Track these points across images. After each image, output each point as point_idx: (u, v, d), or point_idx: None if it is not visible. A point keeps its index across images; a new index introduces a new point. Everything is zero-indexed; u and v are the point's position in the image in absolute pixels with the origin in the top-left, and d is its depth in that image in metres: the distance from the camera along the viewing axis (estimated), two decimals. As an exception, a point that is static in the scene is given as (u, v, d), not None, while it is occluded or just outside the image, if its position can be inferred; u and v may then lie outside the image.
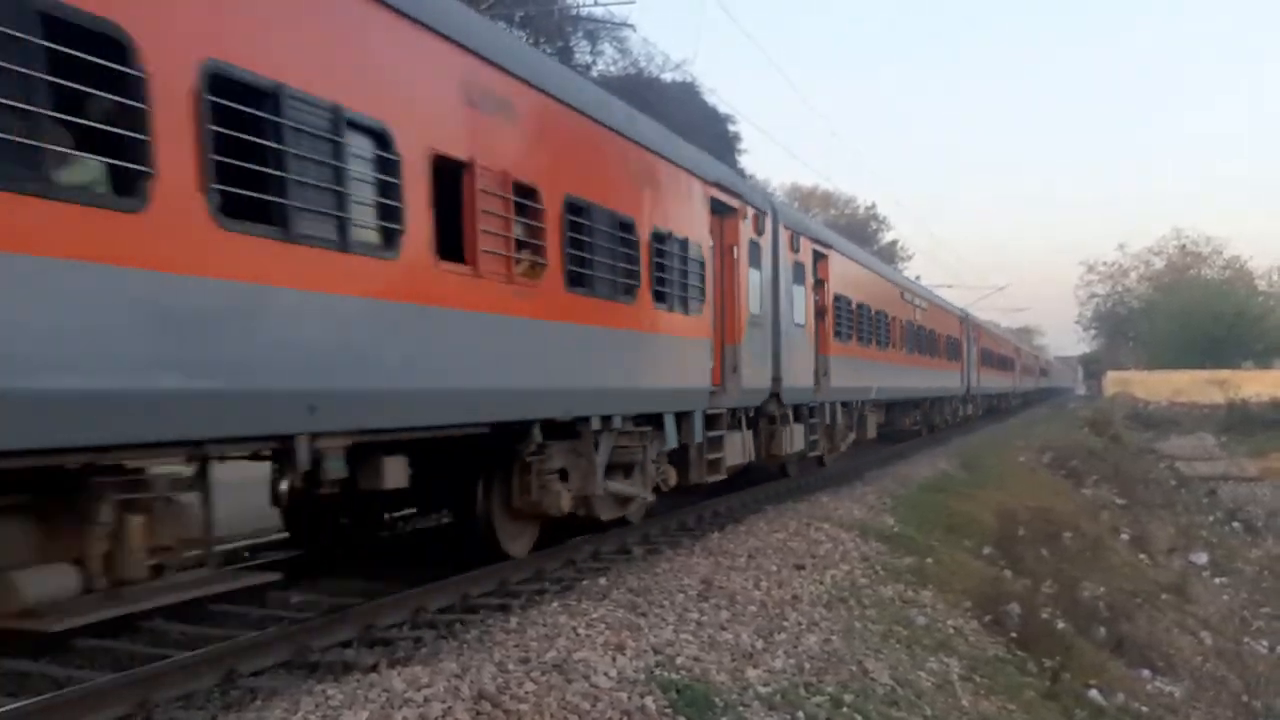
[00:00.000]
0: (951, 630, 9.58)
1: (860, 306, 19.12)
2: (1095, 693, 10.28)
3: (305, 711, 4.95)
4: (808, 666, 7.05)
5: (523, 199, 7.86)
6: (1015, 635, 10.40)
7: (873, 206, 78.32)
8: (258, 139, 5.54)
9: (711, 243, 11.86)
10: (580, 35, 28.74)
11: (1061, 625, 11.70)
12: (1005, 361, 46.98)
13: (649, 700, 5.68)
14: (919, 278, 39.02)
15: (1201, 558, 23.50)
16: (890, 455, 22.74)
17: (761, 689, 6.38)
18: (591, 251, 8.83)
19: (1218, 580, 22.25)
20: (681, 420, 10.92)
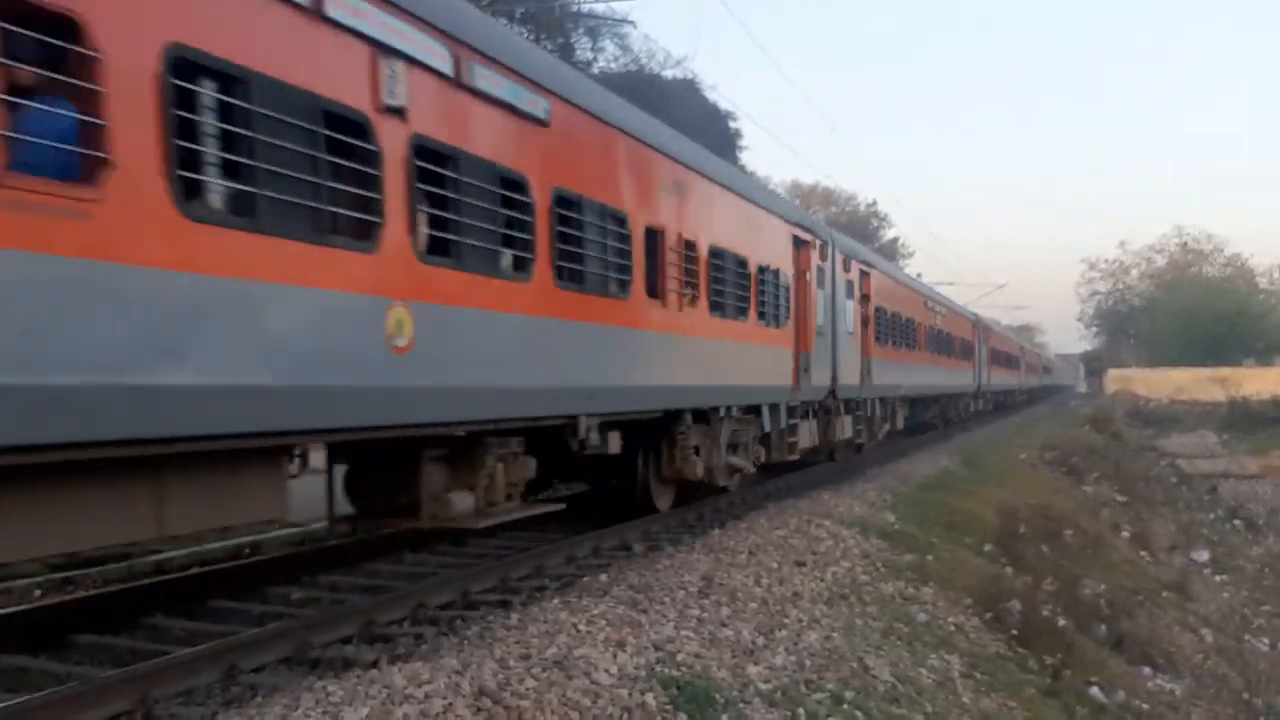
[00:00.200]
0: (952, 627, 9.57)
1: (894, 315, 21.84)
2: (1096, 690, 10.28)
3: (305, 708, 4.95)
4: (808, 663, 7.05)
5: (689, 251, 11.05)
6: (1016, 632, 10.39)
7: (873, 204, 78.33)
8: (575, 232, 8.59)
9: (793, 270, 14.69)
10: (581, 32, 28.67)
11: (1062, 622, 11.69)
12: (1012, 360, 49.99)
13: (649, 697, 5.68)
14: (920, 275, 39.33)
15: (1202, 555, 23.49)
16: (891, 452, 22.73)
17: (762, 686, 6.38)
18: (723, 284, 11.91)
19: (1219, 578, 22.24)
20: (770, 411, 13.70)
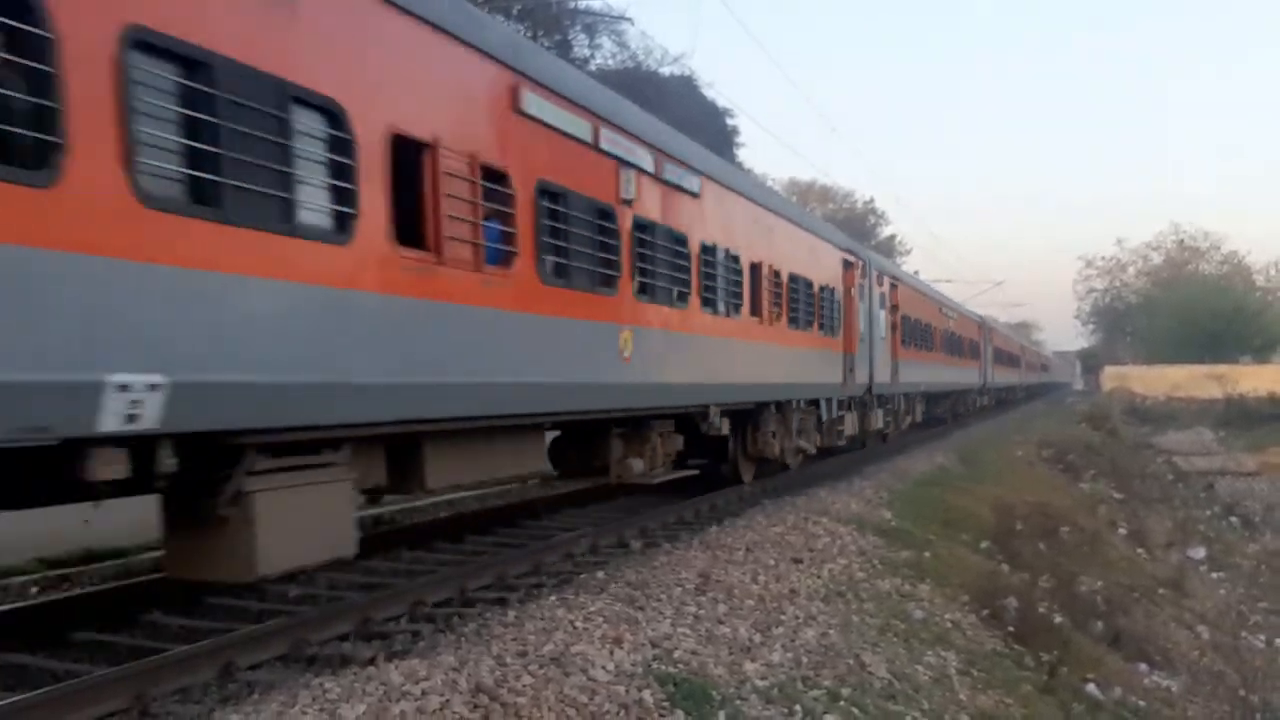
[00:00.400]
0: (949, 624, 9.58)
1: (915, 321, 24.90)
2: (1092, 687, 10.29)
3: (303, 705, 4.95)
4: (805, 660, 7.06)
5: (776, 278, 14.06)
6: (1013, 629, 10.40)
7: (871, 201, 78.32)
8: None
9: (842, 287, 17.81)
10: (578, 29, 28.65)
11: (1059, 619, 11.70)
12: (1013, 359, 53.47)
13: (646, 694, 5.69)
14: (917, 272, 39.63)
15: (1199, 552, 23.53)
16: (888, 450, 22.77)
17: (759, 682, 6.38)
18: (797, 303, 14.93)
19: (1215, 575, 22.27)
20: (825, 404, 16.88)
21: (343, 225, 6.05)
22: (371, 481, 7.18)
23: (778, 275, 14.12)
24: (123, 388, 4.65)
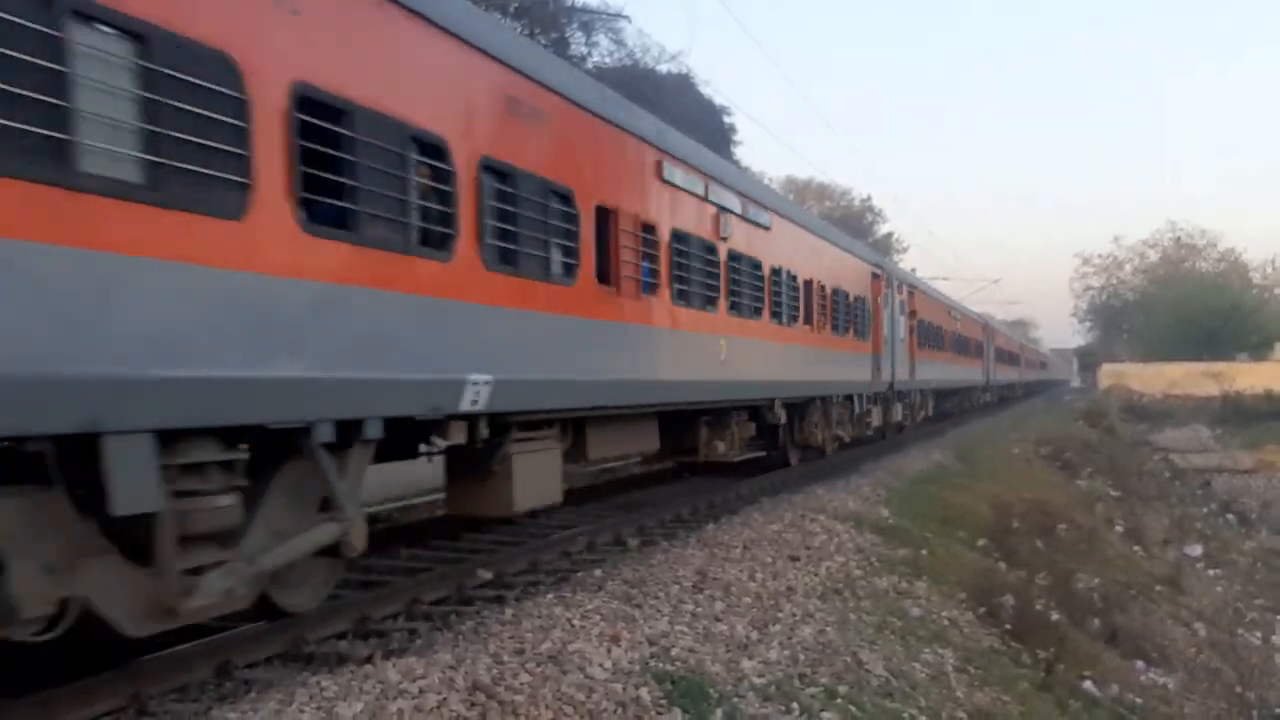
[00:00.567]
0: (946, 622, 9.58)
1: (929, 324, 27.42)
2: (1089, 684, 10.31)
3: (300, 703, 4.95)
4: (802, 658, 7.05)
5: (823, 292, 16.69)
6: (1010, 627, 10.41)
7: (868, 199, 78.35)
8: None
9: (870, 297, 20.43)
10: (575, 26, 28.61)
11: (1056, 617, 11.71)
12: (1013, 358, 56.70)
13: (644, 691, 5.68)
14: (915, 270, 39.92)
15: (1195, 550, 23.57)
16: (885, 448, 22.78)
17: (756, 680, 6.38)
18: (837, 313, 17.59)
19: (1211, 572, 22.31)
20: (857, 399, 19.52)
21: (570, 272, 8.67)
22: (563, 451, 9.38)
23: (824, 289, 16.85)
24: (473, 383, 7.17)
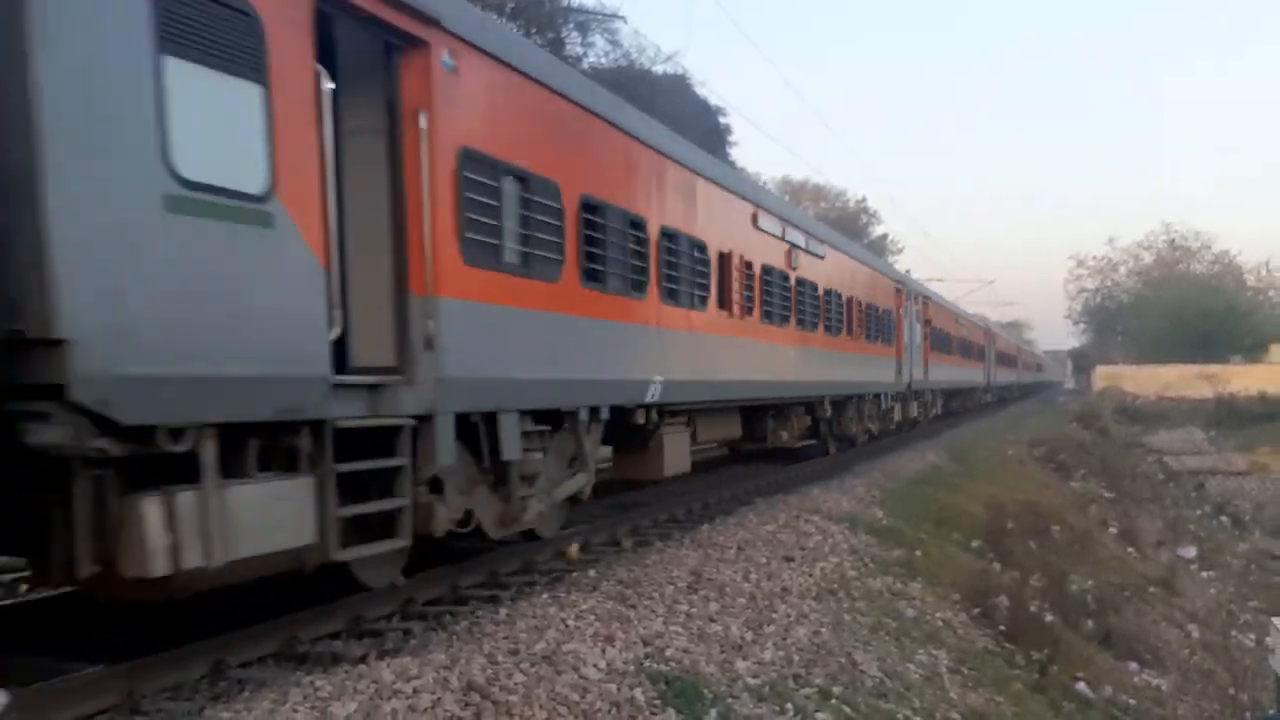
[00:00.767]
0: (940, 623, 9.60)
1: (940, 330, 30.68)
2: (1083, 685, 10.34)
3: (294, 703, 4.94)
4: (797, 658, 7.07)
5: (859, 307, 19.54)
6: (1004, 628, 10.44)
7: (863, 200, 78.36)
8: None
9: (894, 308, 23.54)
10: (571, 27, 28.58)
11: (1050, 618, 11.74)
12: (1011, 360, 60.31)
13: (638, 692, 5.69)
14: (909, 270, 40.20)
15: (1189, 551, 23.64)
16: (880, 449, 22.81)
17: (750, 680, 6.39)
18: (869, 324, 20.52)
19: (1205, 574, 22.39)
20: (883, 397, 22.59)
21: (705, 302, 11.64)
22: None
23: (860, 305, 19.99)
24: (654, 383, 10.04)
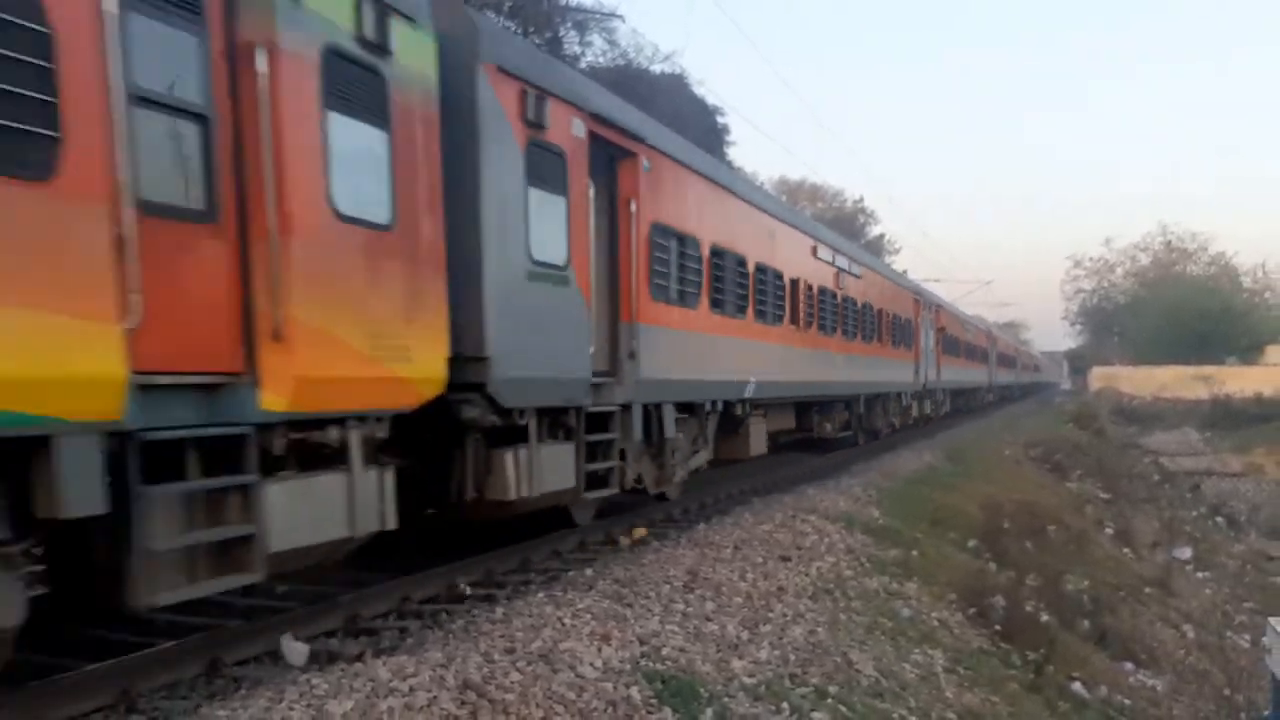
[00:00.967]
0: (936, 623, 9.61)
1: (950, 335, 34.22)
2: (1078, 685, 10.35)
3: (290, 701, 4.94)
4: (793, 658, 7.07)
5: (887, 316, 22.87)
6: (999, 628, 10.44)
7: (860, 200, 78.30)
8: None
9: (913, 318, 26.83)
10: (569, 26, 28.55)
11: (1045, 618, 11.75)
12: (1011, 361, 63.78)
13: (634, 691, 5.69)
14: (906, 270, 40.59)
15: (1185, 552, 23.64)
16: (877, 448, 22.83)
17: (747, 680, 6.39)
18: (894, 332, 23.80)
19: (1201, 575, 22.38)
20: (904, 396, 26.33)
21: (780, 318, 14.79)
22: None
23: (887, 315, 23.21)
24: (750, 383, 13.14)
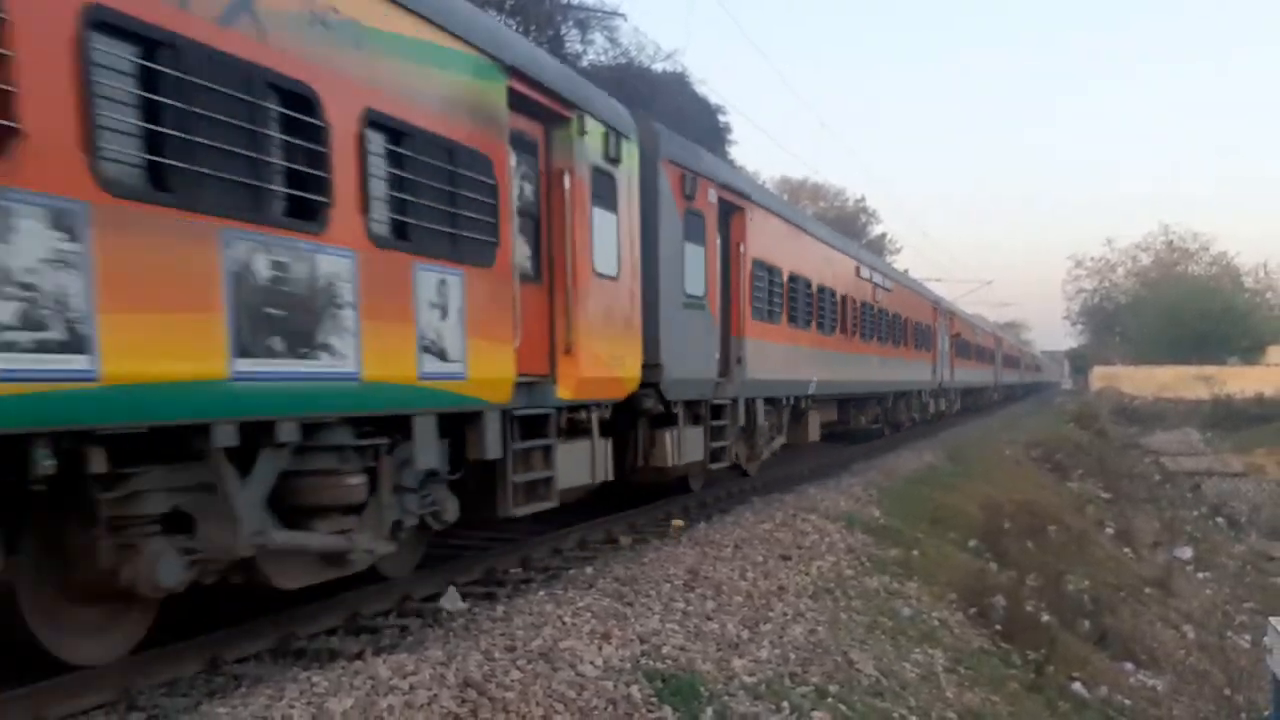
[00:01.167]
0: (936, 622, 9.60)
1: (962, 338, 37.13)
2: (1079, 685, 10.35)
3: (290, 698, 4.93)
4: (793, 657, 7.06)
5: (908, 322, 26.60)
6: (1000, 628, 10.43)
7: (862, 199, 78.29)
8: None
9: (930, 322, 29.93)
10: (571, 24, 28.51)
11: (1046, 618, 11.75)
12: (1016, 361, 66.58)
13: (634, 689, 5.69)
14: (908, 270, 40.84)
15: (1185, 552, 23.66)
16: (876, 448, 22.84)
17: (747, 679, 6.39)
18: (918, 337, 27.59)
19: (1201, 575, 22.40)
20: (923, 394, 29.96)
21: (834, 328, 17.89)
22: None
23: (911, 323, 26.20)
24: (812, 382, 16.59)
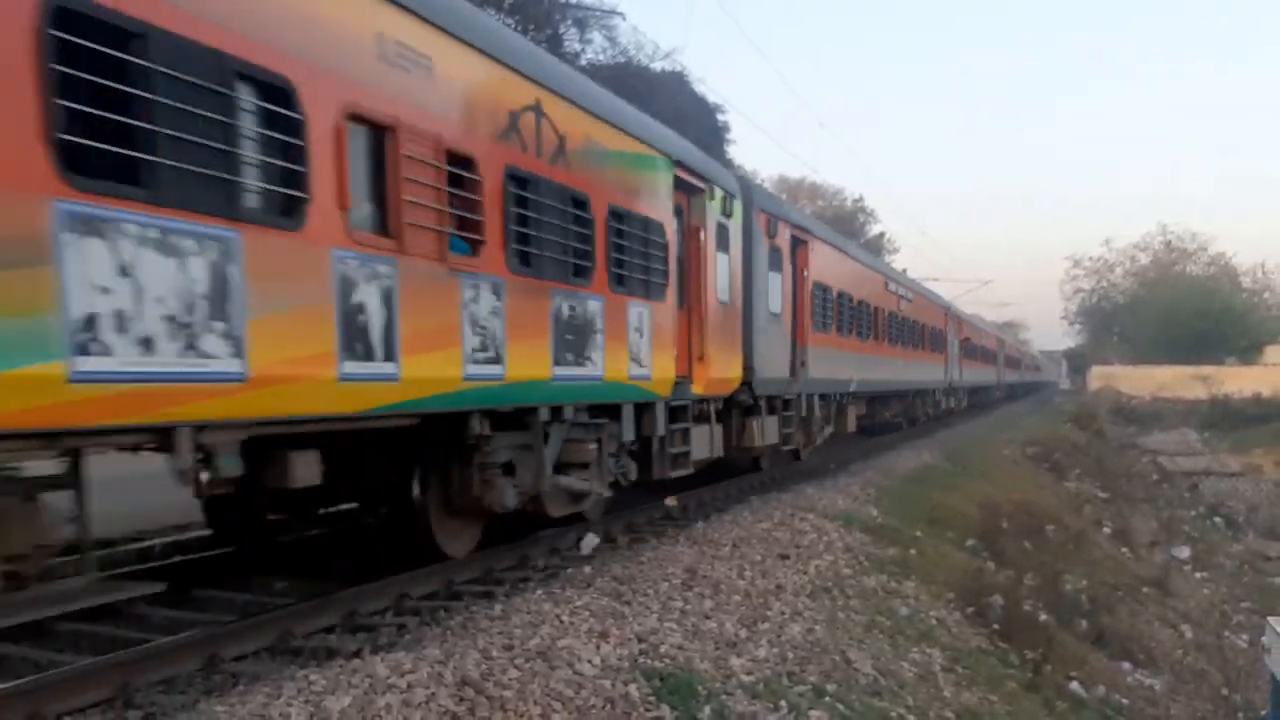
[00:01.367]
0: (934, 621, 9.61)
1: (968, 341, 39.71)
2: (1076, 685, 10.36)
3: (288, 696, 4.93)
4: (791, 656, 7.07)
5: (925, 327, 29.28)
6: (997, 627, 10.44)
7: (860, 199, 78.35)
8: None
9: (943, 327, 32.48)
10: (569, 23, 28.52)
11: (1044, 617, 11.75)
12: (1016, 361, 68.57)
13: (632, 688, 5.69)
14: (906, 269, 40.96)
15: (1183, 552, 23.68)
16: (875, 447, 22.85)
17: (745, 678, 6.39)
18: (934, 340, 30.83)
19: (1199, 574, 22.42)
20: (937, 391, 33.06)
21: (868, 335, 21.01)
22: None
23: (927, 328, 28.66)
24: (853, 381, 19.47)
